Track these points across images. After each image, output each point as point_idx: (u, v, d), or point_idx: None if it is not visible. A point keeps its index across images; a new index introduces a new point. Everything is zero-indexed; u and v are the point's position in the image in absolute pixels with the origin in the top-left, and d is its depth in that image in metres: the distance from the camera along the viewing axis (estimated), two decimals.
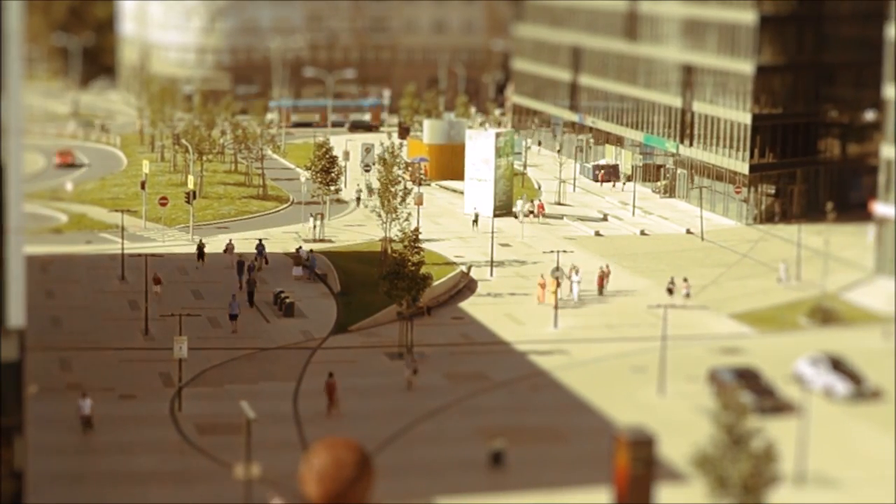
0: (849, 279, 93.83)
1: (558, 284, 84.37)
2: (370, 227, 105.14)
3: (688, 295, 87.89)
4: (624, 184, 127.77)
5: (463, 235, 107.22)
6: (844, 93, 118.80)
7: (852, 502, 55.62)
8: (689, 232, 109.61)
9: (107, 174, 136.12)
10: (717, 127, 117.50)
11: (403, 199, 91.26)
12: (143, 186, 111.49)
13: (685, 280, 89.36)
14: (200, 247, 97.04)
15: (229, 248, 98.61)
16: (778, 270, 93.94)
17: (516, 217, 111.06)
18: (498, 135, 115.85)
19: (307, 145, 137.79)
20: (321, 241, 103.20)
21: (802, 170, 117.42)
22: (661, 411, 66.03)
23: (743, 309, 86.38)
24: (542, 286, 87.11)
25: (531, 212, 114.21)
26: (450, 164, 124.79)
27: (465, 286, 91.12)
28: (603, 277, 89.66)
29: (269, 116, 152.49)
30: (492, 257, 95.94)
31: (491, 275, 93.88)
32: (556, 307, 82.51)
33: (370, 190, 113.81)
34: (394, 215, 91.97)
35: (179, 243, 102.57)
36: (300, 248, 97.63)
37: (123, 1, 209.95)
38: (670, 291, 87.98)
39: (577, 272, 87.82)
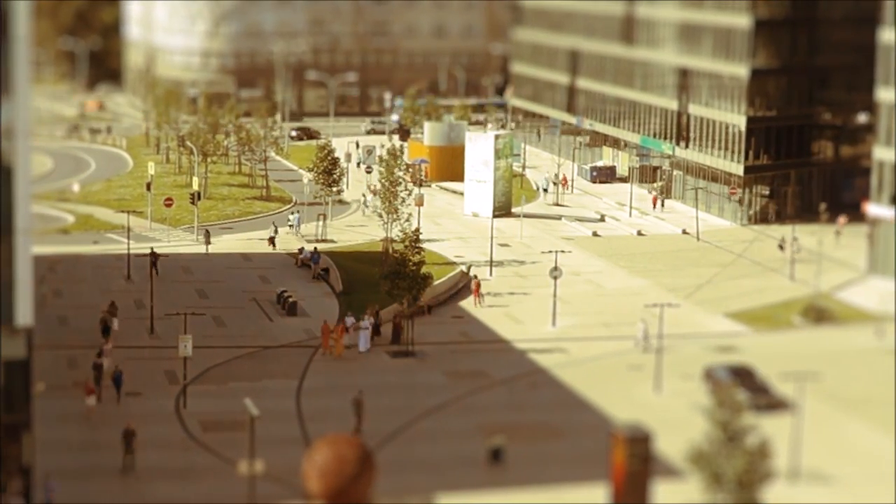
0: (842, 279, 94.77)
1: (345, 330, 77.01)
2: (371, 227, 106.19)
3: (799, 251, 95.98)
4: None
5: (463, 236, 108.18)
6: (837, 96, 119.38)
7: (846, 499, 56.17)
8: (685, 232, 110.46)
9: (113, 176, 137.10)
10: (712, 129, 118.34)
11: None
12: (148, 188, 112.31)
13: (795, 239, 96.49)
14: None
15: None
16: (637, 331, 79.11)
17: (546, 190, 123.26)
18: (497, 137, 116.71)
19: (309, 147, 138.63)
20: (323, 241, 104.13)
21: (796, 171, 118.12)
22: (657, 408, 66.67)
23: (738, 308, 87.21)
24: (326, 332, 77.04)
25: (555, 183, 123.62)
26: (450, 165, 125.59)
27: (465, 285, 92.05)
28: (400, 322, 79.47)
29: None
30: (491, 257, 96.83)
31: (490, 274, 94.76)
32: (337, 355, 75.62)
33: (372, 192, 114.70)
34: (395, 216, 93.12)
35: (184, 243, 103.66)
36: (302, 248, 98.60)
37: (130, 2, 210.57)
38: (781, 248, 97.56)
39: (369, 317, 79.35)
